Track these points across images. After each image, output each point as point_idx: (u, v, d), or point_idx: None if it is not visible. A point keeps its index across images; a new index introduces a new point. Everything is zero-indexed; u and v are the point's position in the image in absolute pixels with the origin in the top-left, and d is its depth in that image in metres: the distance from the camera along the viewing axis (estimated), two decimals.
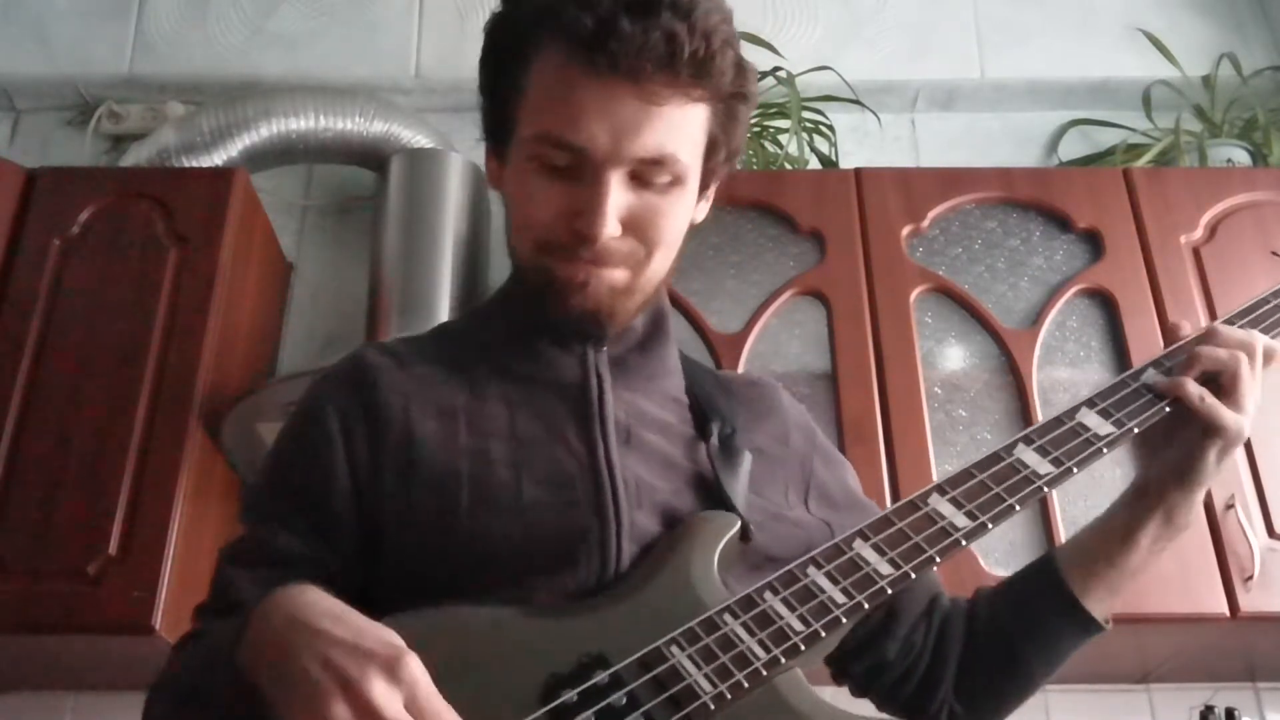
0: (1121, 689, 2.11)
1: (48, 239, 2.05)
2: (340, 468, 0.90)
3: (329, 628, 0.68)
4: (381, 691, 0.64)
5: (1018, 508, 0.88)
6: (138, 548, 1.79)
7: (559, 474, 0.89)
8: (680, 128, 0.88)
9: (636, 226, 0.90)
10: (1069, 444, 0.91)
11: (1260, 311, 1.01)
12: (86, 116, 2.56)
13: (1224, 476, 1.84)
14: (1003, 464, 0.90)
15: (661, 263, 0.93)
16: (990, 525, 0.87)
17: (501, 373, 0.96)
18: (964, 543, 0.86)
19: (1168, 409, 0.93)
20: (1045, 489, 0.89)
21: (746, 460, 0.96)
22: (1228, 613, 1.79)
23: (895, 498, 1.85)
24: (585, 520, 0.86)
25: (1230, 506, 1.84)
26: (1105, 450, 0.91)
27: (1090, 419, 0.93)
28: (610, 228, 0.87)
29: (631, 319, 0.97)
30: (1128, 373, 0.97)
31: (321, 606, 0.71)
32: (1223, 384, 0.93)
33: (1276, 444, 1.91)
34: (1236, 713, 1.98)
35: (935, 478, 1.87)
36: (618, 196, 0.87)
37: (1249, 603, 1.79)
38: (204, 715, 0.77)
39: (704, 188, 0.96)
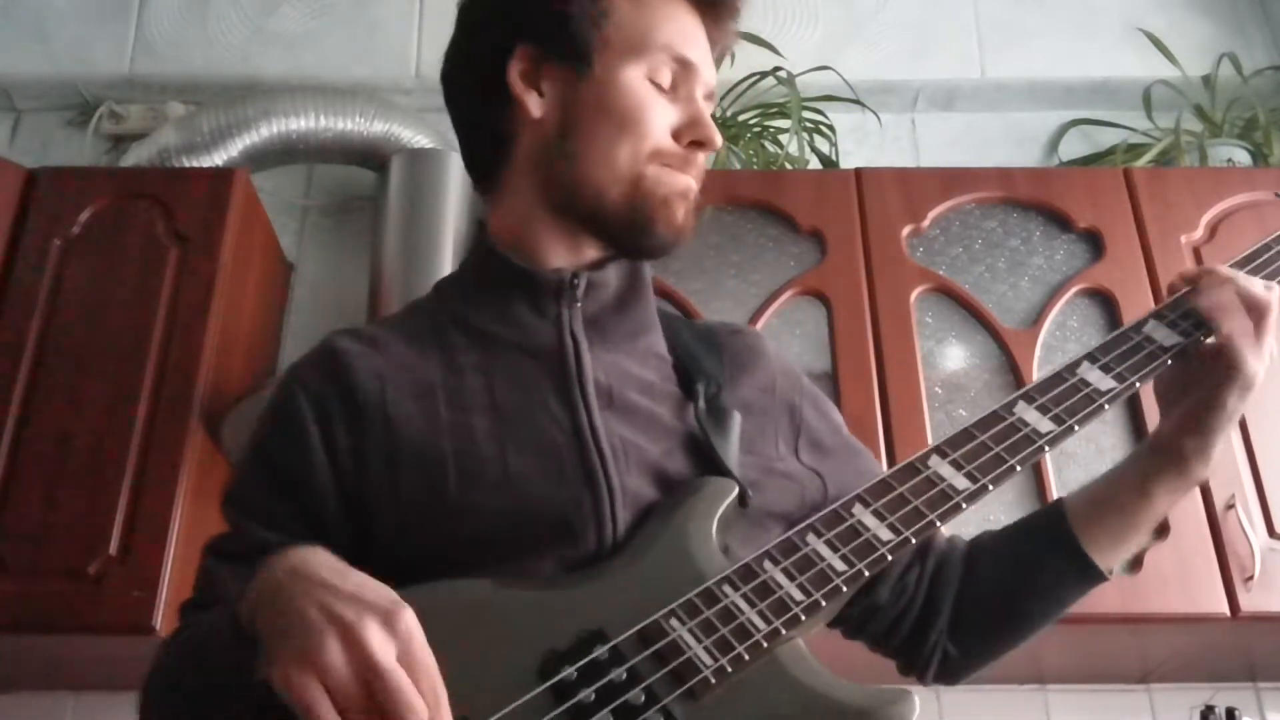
0: (1121, 689, 2.11)
1: (48, 239, 2.05)
2: (318, 455, 0.89)
3: (330, 578, 0.69)
4: (377, 638, 0.64)
5: (1019, 468, 0.87)
6: (138, 548, 1.79)
7: (543, 443, 0.88)
8: None
9: None
10: (1070, 400, 0.90)
11: (1263, 258, 0.99)
12: (87, 116, 2.56)
13: (1224, 476, 1.86)
14: (1003, 423, 0.89)
15: None
16: (991, 486, 0.86)
17: (475, 341, 0.95)
18: (965, 505, 0.85)
19: (1170, 360, 0.92)
20: (1046, 447, 0.88)
21: (736, 420, 0.95)
22: (1228, 613, 1.79)
23: None
24: (576, 490, 0.85)
25: (1230, 506, 1.84)
26: (1107, 406, 0.90)
27: (1092, 374, 0.92)
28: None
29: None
30: (1128, 325, 0.95)
31: (325, 561, 0.71)
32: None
33: (1277, 444, 1.91)
34: (1236, 713, 1.98)
35: None
36: None
37: (1249, 603, 1.79)
38: (202, 677, 0.77)
39: None
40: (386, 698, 0.63)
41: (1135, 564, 1.83)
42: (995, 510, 1.81)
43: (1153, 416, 1.85)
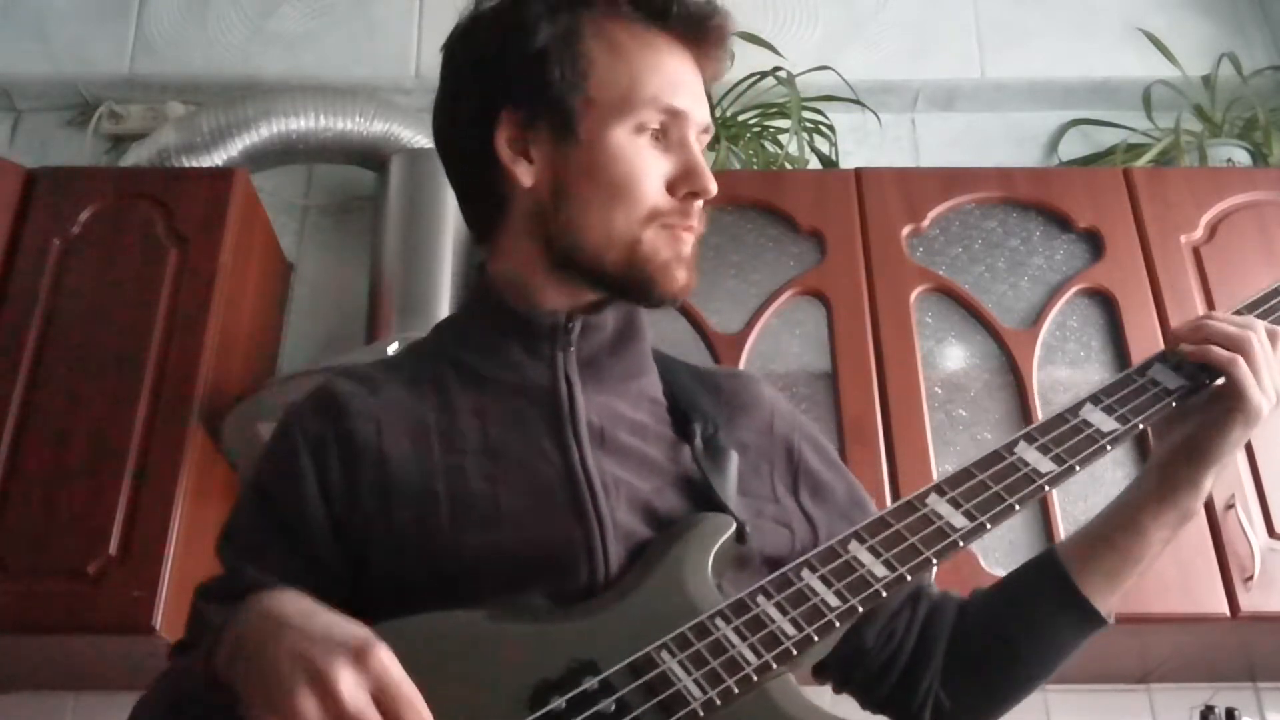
0: (1121, 689, 2.11)
1: (48, 239, 2.05)
2: (313, 497, 0.90)
3: (299, 623, 0.69)
4: (348, 682, 0.65)
5: (1018, 507, 0.86)
6: (138, 548, 1.79)
7: (535, 482, 0.88)
8: None
9: None
10: (1071, 441, 0.90)
11: (1269, 305, 0.99)
12: (86, 116, 2.56)
13: (1224, 476, 1.86)
14: (1003, 463, 0.89)
15: None
16: (989, 525, 0.85)
17: (471, 382, 0.95)
18: (962, 544, 0.85)
19: (1174, 403, 0.91)
20: (1046, 488, 0.88)
21: (733, 460, 0.95)
22: (1228, 613, 1.79)
23: (895, 498, 1.85)
24: (567, 526, 0.86)
25: (1230, 506, 1.84)
26: (1109, 447, 0.89)
27: (1094, 415, 0.91)
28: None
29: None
30: (1133, 368, 0.95)
31: (294, 605, 0.71)
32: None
33: (1276, 444, 1.91)
34: (1236, 713, 1.98)
35: (935, 478, 1.86)
36: None
37: (1249, 602, 1.79)
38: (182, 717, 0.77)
39: None
40: None
41: None
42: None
43: None
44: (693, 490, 0.92)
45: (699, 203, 0.93)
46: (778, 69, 2.40)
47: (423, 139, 2.42)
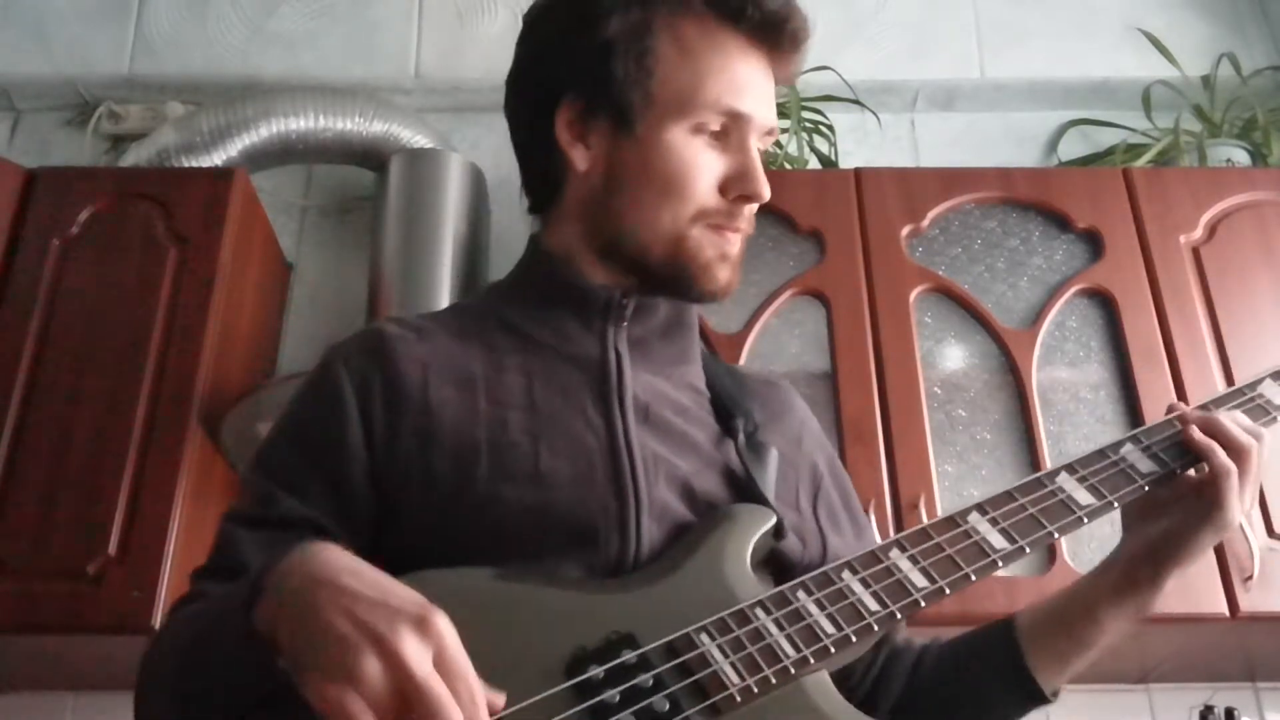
0: (1121, 689, 2.11)
1: (48, 239, 2.05)
2: (354, 429, 0.89)
3: (352, 584, 0.67)
4: (413, 648, 0.63)
5: (1056, 535, 0.88)
6: (138, 548, 1.79)
7: (577, 447, 0.88)
8: None
9: None
10: (1110, 475, 0.92)
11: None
12: (86, 116, 2.56)
13: None
14: (1044, 490, 0.91)
15: None
16: (1028, 549, 0.87)
17: (520, 344, 0.95)
18: (1001, 564, 0.86)
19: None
20: (1085, 519, 0.89)
21: (774, 458, 0.96)
22: (1228, 613, 1.79)
23: (895, 498, 1.85)
24: (603, 495, 0.86)
25: None
26: (1147, 487, 0.91)
27: (1134, 455, 0.93)
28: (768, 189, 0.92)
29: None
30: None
31: (342, 563, 0.69)
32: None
33: (1277, 444, 1.91)
34: (1236, 713, 1.98)
35: (935, 478, 1.88)
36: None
37: (1249, 603, 1.79)
38: (209, 671, 0.75)
39: None
40: (425, 710, 0.62)
41: None
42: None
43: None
44: (733, 480, 0.93)
45: (751, 206, 0.94)
46: None
47: (422, 139, 2.42)
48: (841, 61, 2.50)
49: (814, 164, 2.42)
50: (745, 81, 0.92)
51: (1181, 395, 1.91)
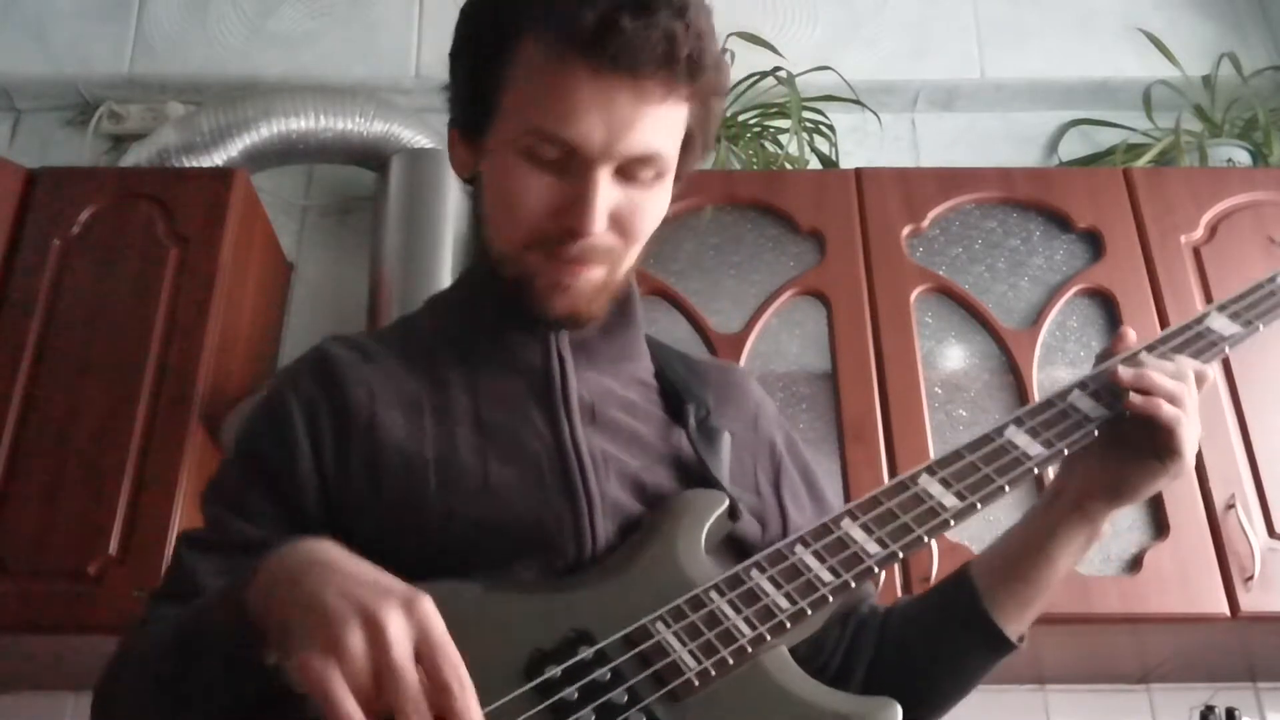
0: (1121, 689, 2.11)
1: (48, 239, 2.05)
2: (304, 454, 0.90)
3: (346, 565, 0.69)
4: (397, 624, 0.64)
5: (1008, 489, 0.88)
6: (138, 548, 1.79)
7: (525, 455, 0.89)
8: (667, 125, 0.88)
9: (620, 222, 0.89)
10: (1060, 425, 0.91)
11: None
12: (86, 116, 2.57)
13: (1224, 476, 1.86)
14: (993, 445, 0.91)
15: (635, 257, 0.94)
16: (979, 505, 0.87)
17: (464, 360, 0.96)
18: (953, 523, 0.86)
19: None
20: (1036, 470, 0.89)
21: (727, 440, 0.96)
22: (1228, 613, 1.79)
23: None
24: (555, 499, 0.87)
25: (1230, 506, 1.84)
26: (1096, 432, 0.90)
27: (1083, 402, 0.93)
28: (600, 224, 0.87)
29: (603, 313, 0.96)
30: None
31: (341, 553, 0.72)
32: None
33: (1277, 444, 1.91)
34: (1236, 713, 1.98)
35: None
36: (606, 193, 0.87)
37: (1249, 603, 1.79)
38: (193, 674, 0.76)
39: (676, 180, 0.95)
40: (391, 694, 0.63)
41: (1135, 564, 1.83)
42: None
43: None
44: (684, 469, 0.93)
45: (576, 245, 0.88)
46: (778, 69, 2.40)
47: (423, 139, 2.42)
48: (842, 62, 2.50)
49: (814, 164, 2.42)
50: (584, 109, 0.84)
51: None
